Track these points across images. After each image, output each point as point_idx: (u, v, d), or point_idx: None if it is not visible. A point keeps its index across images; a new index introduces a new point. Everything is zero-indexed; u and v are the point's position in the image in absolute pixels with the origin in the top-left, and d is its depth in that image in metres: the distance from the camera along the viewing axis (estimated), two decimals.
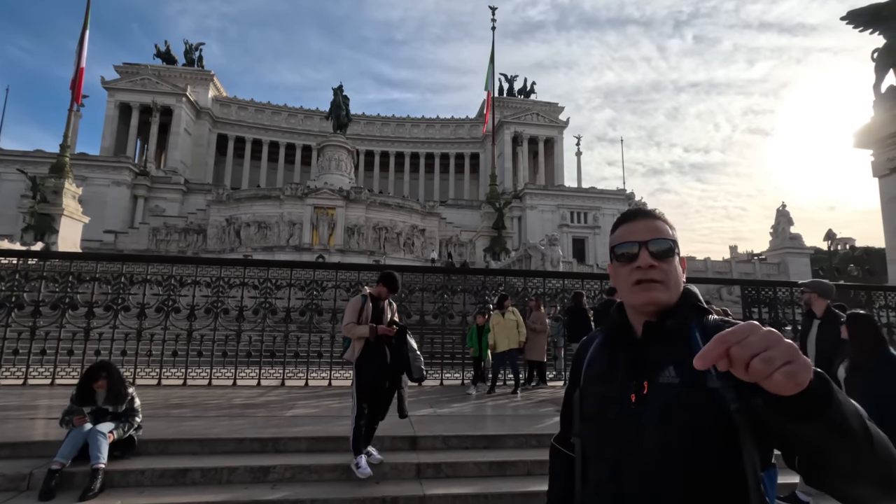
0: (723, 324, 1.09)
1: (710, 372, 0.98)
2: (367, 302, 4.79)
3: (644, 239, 1.18)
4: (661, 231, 1.20)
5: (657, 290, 1.15)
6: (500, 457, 4.94)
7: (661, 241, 1.18)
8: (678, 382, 1.05)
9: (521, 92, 66.27)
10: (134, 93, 54.25)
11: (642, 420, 1.07)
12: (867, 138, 11.99)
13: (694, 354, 1.00)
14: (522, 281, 11.93)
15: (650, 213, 1.26)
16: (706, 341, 1.00)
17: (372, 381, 4.63)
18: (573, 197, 51.85)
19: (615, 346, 1.22)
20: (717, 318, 1.13)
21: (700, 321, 1.14)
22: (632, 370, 1.14)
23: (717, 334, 0.80)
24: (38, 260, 8.94)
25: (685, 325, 1.13)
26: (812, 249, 33.24)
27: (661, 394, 1.06)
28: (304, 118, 67.24)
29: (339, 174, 40.71)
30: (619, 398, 1.12)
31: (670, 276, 1.16)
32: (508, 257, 29.15)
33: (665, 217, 1.25)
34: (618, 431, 1.10)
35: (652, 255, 1.16)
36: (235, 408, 6.57)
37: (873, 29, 12.04)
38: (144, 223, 41.94)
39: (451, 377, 9.17)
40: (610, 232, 1.31)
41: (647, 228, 1.21)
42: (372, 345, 4.65)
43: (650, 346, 1.14)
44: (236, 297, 8.54)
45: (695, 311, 1.16)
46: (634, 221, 1.24)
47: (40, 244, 21.86)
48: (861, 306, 10.67)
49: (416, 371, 4.66)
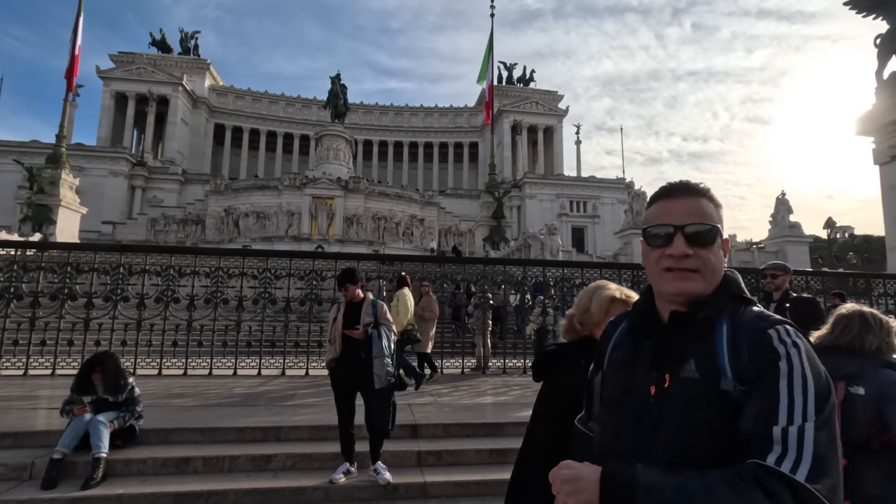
0: (759, 320, 1.00)
1: (725, 371, 0.96)
2: (340, 309, 4.58)
3: (681, 223, 1.05)
4: (702, 212, 1.05)
5: (692, 280, 1.04)
6: (500, 444, 4.97)
7: (701, 225, 1.04)
8: (698, 378, 0.98)
9: (520, 80, 65.71)
10: (130, 82, 53.70)
11: (662, 414, 1.00)
12: (869, 125, 11.92)
13: (716, 349, 0.99)
14: (522, 270, 11.93)
15: (693, 188, 1.09)
16: (734, 337, 0.98)
17: (340, 389, 4.44)
18: (572, 186, 51.72)
19: (640, 333, 1.13)
20: (756, 312, 1.03)
21: (735, 313, 1.03)
22: (654, 360, 1.06)
23: (551, 473, 0.93)
24: (36, 251, 8.92)
25: (714, 318, 1.02)
26: (811, 238, 33.25)
27: (682, 388, 0.99)
28: (301, 107, 66.71)
29: (337, 164, 40.48)
30: (640, 388, 1.06)
31: (708, 265, 1.04)
32: (508, 247, 29.12)
33: (711, 193, 1.09)
34: (635, 423, 1.04)
35: (688, 242, 1.03)
36: (236, 397, 6.59)
37: (876, 14, 11.90)
38: (143, 214, 41.78)
39: (451, 366, 9.20)
40: (645, 207, 1.23)
41: (686, 209, 1.06)
42: (345, 351, 4.43)
43: (675, 335, 1.05)
44: (236, 288, 8.53)
45: (731, 302, 1.05)
46: (673, 199, 1.09)
47: (38, 235, 21.77)
48: (860, 294, 10.70)
49: (377, 380, 4.16)
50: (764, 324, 0.99)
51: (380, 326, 4.42)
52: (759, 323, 0.99)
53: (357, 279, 4.61)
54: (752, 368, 0.94)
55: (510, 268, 12.72)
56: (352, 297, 4.58)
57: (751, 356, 0.95)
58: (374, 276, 9.15)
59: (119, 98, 53.86)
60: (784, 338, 0.95)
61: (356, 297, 4.59)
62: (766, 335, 0.96)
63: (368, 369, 4.21)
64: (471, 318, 10.71)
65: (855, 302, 11.11)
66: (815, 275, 11.26)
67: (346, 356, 4.43)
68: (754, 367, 0.93)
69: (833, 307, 11.22)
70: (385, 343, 4.32)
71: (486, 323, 9.90)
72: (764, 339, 0.96)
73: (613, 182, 52.51)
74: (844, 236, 43.30)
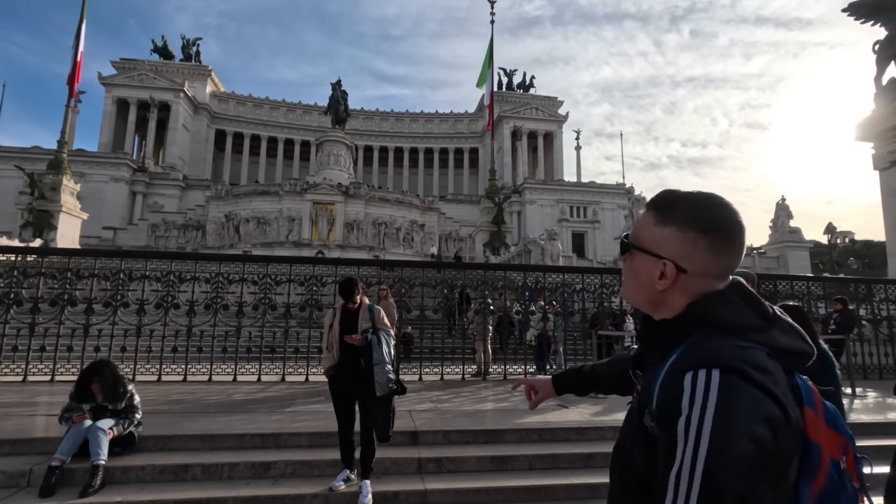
0: (688, 356, 0.87)
1: (651, 403, 0.90)
2: (336, 315, 4.52)
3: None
4: (636, 226, 1.05)
5: (623, 286, 1.09)
6: (501, 451, 4.94)
7: (624, 239, 1.06)
8: (639, 397, 0.99)
9: (519, 86, 65.93)
10: (131, 88, 53.95)
11: (627, 417, 1.04)
12: (868, 131, 11.95)
13: (656, 377, 0.92)
14: (522, 275, 11.93)
15: (654, 200, 1.07)
16: (667, 373, 0.88)
17: (339, 396, 4.41)
18: (572, 191, 51.76)
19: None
20: (702, 347, 0.88)
21: (692, 343, 0.91)
22: (636, 362, 1.12)
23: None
24: (36, 256, 8.91)
25: (672, 342, 0.95)
26: (812, 243, 33.25)
27: (637, 399, 1.00)
28: (302, 113, 66.95)
29: (338, 169, 40.59)
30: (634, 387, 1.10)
31: (628, 277, 1.06)
32: (508, 252, 29.12)
33: (663, 205, 1.01)
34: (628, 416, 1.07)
35: (621, 248, 1.07)
36: (236, 403, 6.56)
37: (875, 20, 11.97)
38: (143, 219, 41.86)
39: (452, 372, 9.17)
40: None
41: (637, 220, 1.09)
42: (343, 359, 4.38)
43: (646, 345, 1.08)
44: (236, 293, 8.52)
45: (698, 328, 0.93)
46: None
47: (39, 241, 21.78)
48: (861, 300, 10.68)
49: (378, 387, 4.13)
50: (690, 362, 0.86)
51: (378, 332, 4.36)
52: (686, 359, 0.87)
53: (358, 290, 4.56)
54: (665, 412, 0.85)
55: (511, 273, 12.73)
56: (355, 305, 4.53)
57: (661, 399, 0.87)
58: (375, 281, 9.13)
59: (121, 104, 54.07)
60: (697, 390, 0.80)
61: (356, 304, 4.56)
62: (680, 378, 0.84)
63: (368, 376, 4.16)
64: (471, 324, 10.69)
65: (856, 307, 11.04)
66: (816, 280, 11.25)
67: (344, 363, 4.38)
68: (661, 411, 0.86)
69: (836, 313, 11.14)
70: (385, 349, 4.27)
71: (487, 329, 9.87)
72: (676, 382, 0.85)
73: (613, 187, 52.56)
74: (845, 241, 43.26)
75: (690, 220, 0.97)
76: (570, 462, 4.84)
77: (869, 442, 5.18)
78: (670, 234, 0.97)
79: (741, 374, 0.80)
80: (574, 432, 5.44)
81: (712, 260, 0.96)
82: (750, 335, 0.90)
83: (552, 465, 4.79)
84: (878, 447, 4.98)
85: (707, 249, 0.95)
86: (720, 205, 0.98)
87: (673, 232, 0.97)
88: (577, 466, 4.79)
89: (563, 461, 4.85)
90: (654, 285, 0.98)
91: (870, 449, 4.57)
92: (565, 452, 4.95)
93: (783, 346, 0.91)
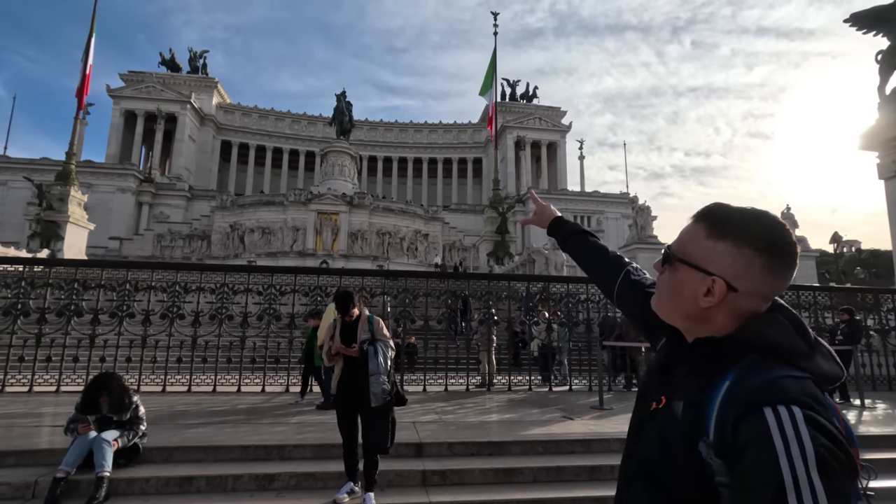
0: (761, 389, 0.81)
1: (707, 433, 0.84)
2: (336, 327, 4.56)
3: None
4: (680, 237, 1.01)
5: (656, 297, 1.04)
6: (505, 463, 4.90)
7: (667, 249, 1.03)
8: (680, 421, 0.90)
9: (523, 97, 66.34)
10: (139, 100, 54.67)
11: (645, 431, 0.98)
12: (872, 140, 11.92)
13: (708, 405, 0.86)
14: (526, 285, 11.91)
15: (704, 211, 1.01)
16: (729, 400, 0.83)
17: (341, 408, 4.39)
18: (576, 201, 51.88)
19: (668, 342, 1.07)
20: (768, 377, 0.83)
21: (748, 369, 0.86)
22: (660, 374, 1.03)
23: None
24: (43, 267, 8.98)
25: (721, 365, 0.89)
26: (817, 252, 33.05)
27: (666, 419, 0.93)
28: (307, 124, 67.53)
29: (342, 179, 40.83)
30: (648, 400, 1.02)
31: (661, 288, 1.02)
32: (512, 262, 29.10)
33: (718, 219, 0.96)
34: (634, 431, 1.03)
35: (662, 258, 1.03)
36: (240, 414, 6.56)
37: (877, 31, 12.00)
38: (149, 229, 42.18)
39: (456, 382, 9.13)
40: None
41: (680, 232, 1.03)
42: (345, 371, 4.39)
43: (677, 361, 1.00)
44: (240, 304, 8.55)
45: (752, 352, 0.88)
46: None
47: (46, 251, 21.96)
48: (869, 310, 10.59)
49: (373, 398, 4.13)
50: (764, 396, 0.80)
51: (376, 343, 4.39)
52: (758, 393, 0.81)
53: (354, 303, 4.59)
54: (734, 448, 0.80)
55: (515, 283, 12.71)
56: (350, 318, 4.56)
57: (735, 432, 0.80)
58: (379, 291, 9.13)
59: (128, 116, 54.75)
60: (785, 427, 0.75)
61: (353, 316, 4.59)
62: (760, 415, 0.78)
63: (364, 387, 4.17)
64: (475, 334, 10.66)
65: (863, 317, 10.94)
66: (822, 290, 11.17)
67: (346, 375, 4.40)
68: (738, 450, 0.79)
69: (843, 323, 11.05)
70: (381, 359, 4.29)
71: (491, 339, 9.84)
72: (756, 419, 0.78)
73: (617, 197, 52.60)
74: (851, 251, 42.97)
75: (748, 237, 0.92)
76: (576, 475, 4.80)
77: (879, 455, 5.11)
78: (724, 250, 0.93)
79: (818, 413, 0.78)
80: (579, 444, 5.40)
81: (766, 281, 0.92)
82: (798, 362, 0.87)
83: (557, 478, 4.75)
84: (889, 460, 4.91)
85: (762, 269, 0.91)
86: (777, 224, 0.94)
87: (727, 248, 0.93)
88: (582, 479, 4.75)
89: (568, 474, 4.80)
90: (697, 301, 0.94)
91: (881, 462, 4.51)
92: (570, 465, 4.91)
93: (826, 374, 0.90)
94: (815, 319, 10.08)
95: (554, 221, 1.72)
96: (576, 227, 1.71)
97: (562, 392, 9.30)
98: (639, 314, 1.33)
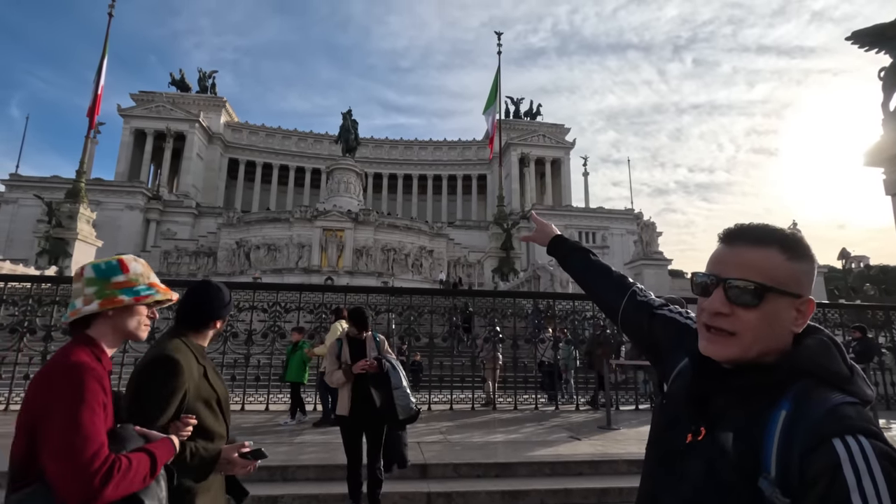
0: (828, 418, 0.77)
1: (768, 467, 0.80)
2: (342, 345, 4.53)
3: (724, 275, 0.91)
4: (755, 266, 0.89)
5: (724, 343, 0.90)
6: (512, 486, 4.82)
7: (744, 281, 0.88)
8: (731, 454, 0.84)
9: (526, 114, 66.97)
10: (149, 119, 55.63)
11: (686, 468, 0.91)
12: (878, 157, 11.87)
13: (764, 436, 0.81)
14: (532, 302, 11.84)
15: (757, 234, 0.93)
16: (791, 430, 0.79)
17: (351, 429, 4.32)
18: (581, 217, 51.86)
19: (698, 370, 0.98)
20: (831, 403, 0.80)
21: (805, 396, 0.82)
22: (696, 405, 0.95)
23: None
24: (50, 284, 9.04)
25: (774, 394, 0.85)
26: (826, 268, 32.75)
27: (711, 452, 0.87)
28: (313, 142, 68.32)
29: (347, 196, 41.10)
30: (680, 431, 0.95)
31: (748, 329, 0.88)
32: (517, 278, 29.01)
33: (791, 241, 0.91)
34: (665, 466, 0.97)
35: (728, 298, 0.89)
36: (244, 433, 6.49)
37: (879, 48, 12.06)
38: (156, 246, 42.46)
39: (461, 400, 9.03)
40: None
41: (739, 259, 0.91)
42: (358, 390, 4.30)
43: (719, 390, 0.93)
44: (245, 321, 8.55)
45: (804, 378, 0.85)
46: (729, 245, 0.95)
47: (54, 268, 22.16)
48: (880, 327, 10.43)
49: (401, 411, 4.14)
50: (831, 427, 0.76)
51: (388, 359, 4.42)
52: (824, 423, 0.77)
53: (365, 324, 4.60)
54: (801, 483, 0.75)
55: (520, 300, 12.65)
56: (361, 335, 4.56)
57: (803, 466, 0.76)
58: (384, 309, 9.12)
59: (138, 135, 55.65)
60: (856, 459, 0.72)
61: (366, 333, 4.58)
62: (829, 447, 0.74)
63: (388, 401, 4.16)
64: (480, 352, 10.57)
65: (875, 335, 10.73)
66: (832, 307, 11.04)
67: (359, 393, 4.33)
68: (806, 484, 0.75)
69: (854, 341, 10.87)
70: (401, 373, 4.32)
71: (497, 357, 9.75)
72: (826, 451, 0.74)
73: (622, 213, 52.58)
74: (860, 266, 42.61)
75: (810, 252, 0.93)
76: (584, 497, 4.71)
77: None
78: (807, 269, 0.92)
79: (884, 441, 0.75)
80: (587, 466, 5.30)
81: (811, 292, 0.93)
82: (845, 386, 0.85)
83: (565, 501, 4.66)
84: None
85: (812, 282, 0.93)
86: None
87: (807, 266, 0.92)
88: (590, 502, 4.65)
89: (576, 496, 4.71)
90: (789, 328, 0.90)
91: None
92: (578, 487, 4.81)
93: (868, 398, 0.86)
94: None
95: (554, 239, 1.71)
96: (575, 244, 1.67)
97: (568, 411, 9.17)
98: (646, 337, 1.30)
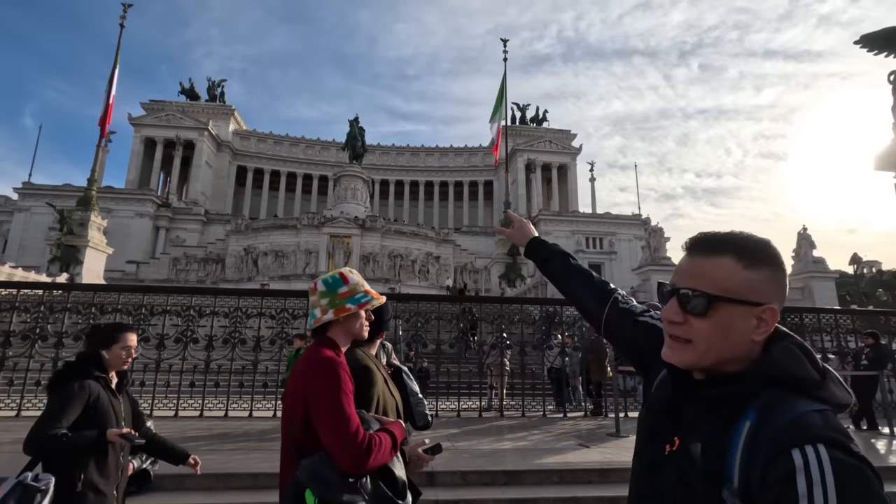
0: (789, 428, 0.78)
1: (731, 477, 0.81)
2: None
3: (678, 284, 0.92)
4: (705, 275, 0.89)
5: (681, 350, 0.91)
6: (520, 493, 4.79)
7: (692, 291, 0.89)
8: (699, 464, 0.86)
9: (533, 120, 67.09)
10: (159, 128, 56.38)
11: (662, 476, 0.93)
12: (888, 161, 11.77)
13: (730, 445, 0.82)
14: (540, 308, 11.80)
15: (712, 243, 0.92)
16: (754, 440, 0.80)
17: None
18: (588, 223, 51.70)
19: (673, 380, 0.98)
20: (795, 413, 0.80)
21: (771, 405, 0.83)
22: (670, 416, 0.96)
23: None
24: (62, 291, 9.14)
25: (740, 403, 0.86)
26: (837, 273, 32.36)
27: (684, 462, 0.89)
28: (320, 149, 68.84)
29: (354, 203, 41.30)
30: (660, 440, 0.96)
31: (701, 338, 0.89)
32: (524, 284, 28.95)
33: (749, 249, 0.90)
34: (645, 475, 0.99)
35: (682, 307, 0.90)
36: (252, 440, 6.51)
37: (888, 52, 12.00)
38: (165, 253, 42.87)
39: (468, 407, 8.99)
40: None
41: (692, 269, 0.91)
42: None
43: (688, 401, 0.94)
44: (253, 328, 8.59)
45: (771, 387, 0.85)
46: (688, 255, 0.95)
47: (65, 275, 22.41)
48: (894, 333, 10.27)
49: (419, 417, 4.28)
50: (791, 437, 0.77)
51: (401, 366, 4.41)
52: (785, 433, 0.78)
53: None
54: (761, 492, 0.77)
55: (527, 306, 12.60)
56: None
57: (763, 476, 0.77)
58: (391, 315, 9.12)
59: (148, 143, 56.39)
60: (811, 469, 0.73)
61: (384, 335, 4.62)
62: (787, 457, 0.75)
63: (406, 409, 4.17)
64: (487, 358, 10.54)
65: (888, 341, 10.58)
66: (844, 312, 10.89)
67: None
68: (764, 493, 0.76)
69: (867, 347, 10.74)
70: (414, 380, 4.32)
71: (504, 363, 9.72)
72: (783, 461, 0.75)
73: (629, 218, 52.34)
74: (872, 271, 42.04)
75: (777, 258, 0.91)
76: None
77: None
78: (766, 276, 0.89)
79: (844, 450, 0.75)
80: (596, 474, 5.25)
81: (784, 297, 0.91)
82: (814, 392, 0.85)
83: None
84: None
85: (784, 287, 0.91)
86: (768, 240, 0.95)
87: (767, 274, 0.90)
88: None
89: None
90: (749, 337, 0.89)
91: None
92: (588, 496, 4.77)
93: (840, 402, 0.86)
94: (838, 343, 9.80)
95: (532, 242, 1.64)
96: (555, 247, 1.62)
97: (576, 418, 9.10)
98: (629, 345, 1.28)
